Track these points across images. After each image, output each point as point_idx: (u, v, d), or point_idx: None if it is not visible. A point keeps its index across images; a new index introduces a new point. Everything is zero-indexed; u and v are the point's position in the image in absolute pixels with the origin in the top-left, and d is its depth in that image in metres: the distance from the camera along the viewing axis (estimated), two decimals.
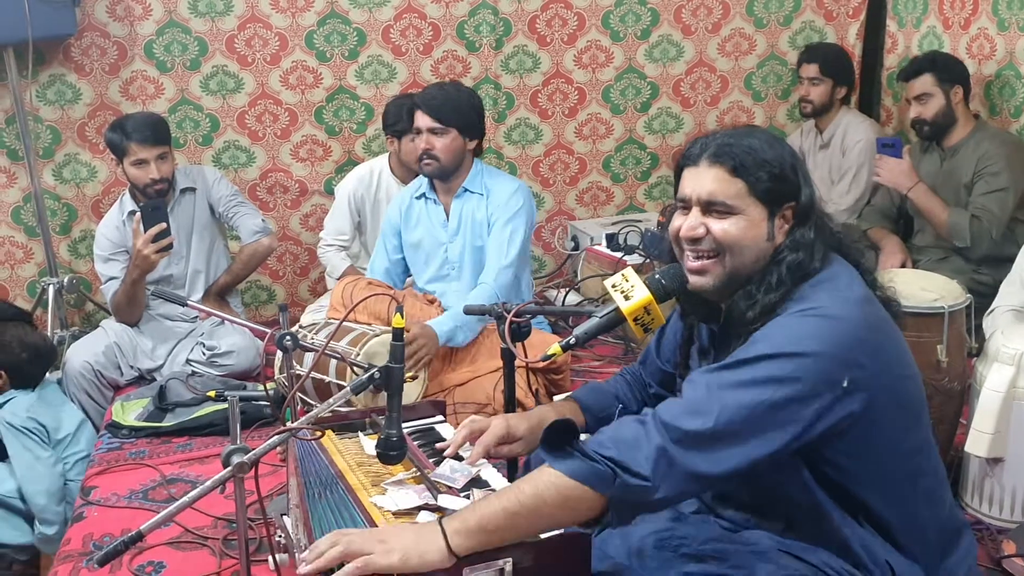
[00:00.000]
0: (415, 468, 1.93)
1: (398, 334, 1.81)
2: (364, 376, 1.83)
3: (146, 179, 3.46)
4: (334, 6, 4.15)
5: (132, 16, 4.01)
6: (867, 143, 4.02)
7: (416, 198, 3.37)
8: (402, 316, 1.79)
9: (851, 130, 4.15)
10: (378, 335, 2.82)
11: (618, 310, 1.85)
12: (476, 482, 1.87)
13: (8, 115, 3.96)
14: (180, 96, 4.14)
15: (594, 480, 1.59)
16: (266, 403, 3.09)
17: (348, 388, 1.85)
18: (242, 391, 3.24)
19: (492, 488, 1.84)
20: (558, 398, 2.22)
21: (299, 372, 2.71)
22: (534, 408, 2.11)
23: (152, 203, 3.44)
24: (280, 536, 2.15)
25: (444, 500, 1.78)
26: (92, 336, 3.63)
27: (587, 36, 4.41)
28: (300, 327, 3.06)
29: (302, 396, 2.86)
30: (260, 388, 3.28)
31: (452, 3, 4.23)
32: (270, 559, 2.05)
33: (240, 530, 1.86)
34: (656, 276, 1.88)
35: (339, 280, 3.53)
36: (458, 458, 1.95)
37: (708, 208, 1.74)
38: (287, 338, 2.46)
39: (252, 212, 3.78)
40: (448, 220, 3.30)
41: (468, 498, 1.79)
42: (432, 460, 1.97)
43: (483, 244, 3.25)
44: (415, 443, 2.05)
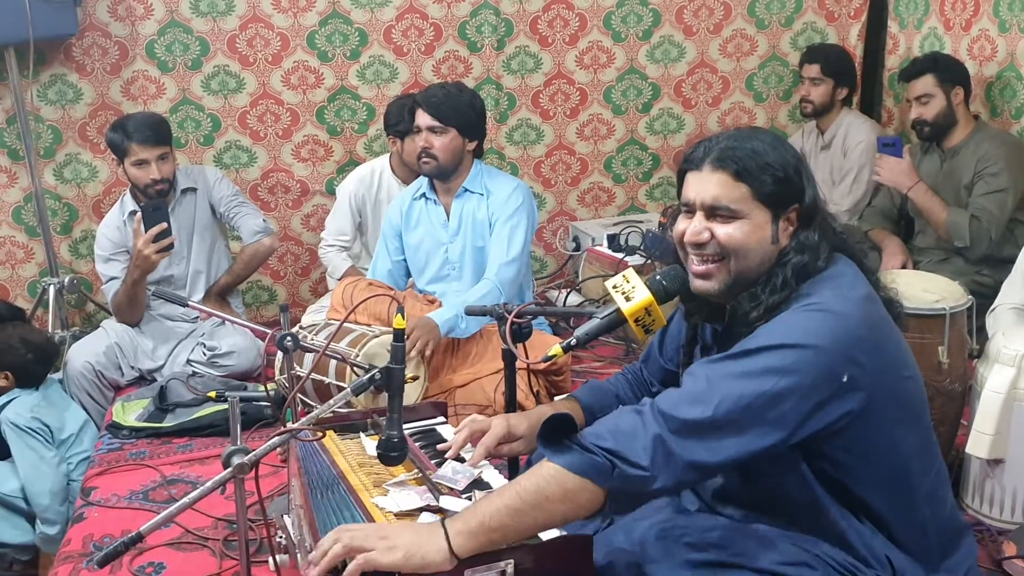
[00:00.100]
0: (416, 469, 1.93)
1: (399, 335, 1.80)
2: (364, 377, 1.83)
3: (147, 179, 3.46)
4: (336, 6, 4.15)
5: (133, 16, 4.01)
6: (868, 144, 4.02)
7: (416, 198, 3.37)
8: (403, 317, 1.79)
9: (852, 131, 4.15)
10: (378, 336, 2.82)
11: (619, 311, 1.85)
12: (478, 483, 1.87)
13: (9, 115, 3.96)
14: (181, 96, 4.14)
15: (593, 472, 1.59)
16: (267, 404, 3.09)
17: (348, 389, 1.85)
18: (243, 392, 3.24)
19: (493, 489, 1.84)
20: (559, 399, 2.22)
21: (299, 373, 2.71)
22: (534, 408, 2.11)
23: (153, 203, 3.44)
24: (281, 537, 2.15)
25: (446, 501, 1.78)
26: (93, 336, 3.63)
27: (589, 37, 4.40)
28: (301, 328, 3.06)
29: (302, 397, 2.86)
30: (261, 389, 3.28)
31: (454, 3, 4.23)
32: (270, 560, 2.05)
33: (240, 531, 1.86)
34: (657, 277, 1.88)
35: (340, 281, 3.53)
36: (460, 459, 1.95)
37: (712, 212, 1.74)
38: (288, 339, 2.47)
39: (253, 212, 3.78)
40: (448, 220, 3.30)
41: (470, 499, 1.79)
42: (434, 461, 1.97)
43: (484, 244, 3.25)
44: (416, 444, 2.05)
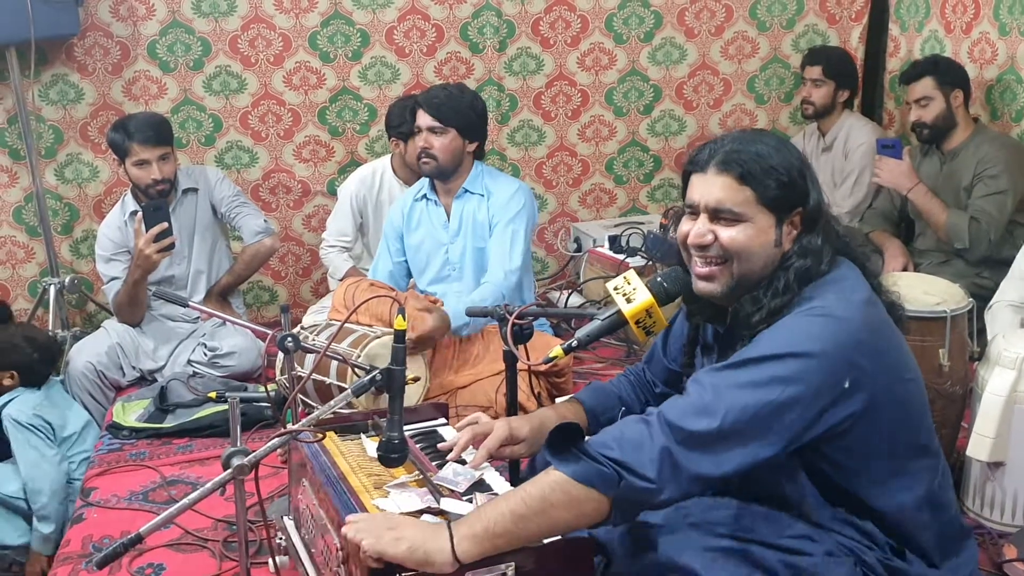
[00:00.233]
0: (417, 471, 1.93)
1: (400, 336, 1.80)
2: (365, 378, 1.83)
3: (148, 179, 3.46)
4: (337, 7, 4.15)
5: (135, 16, 4.01)
6: (869, 146, 4.02)
7: (417, 199, 3.37)
8: (404, 318, 1.79)
9: (853, 133, 4.15)
10: (379, 337, 2.81)
11: (620, 313, 1.85)
12: (479, 485, 1.86)
13: (10, 115, 3.96)
14: (183, 96, 4.14)
15: (599, 482, 1.59)
16: (267, 405, 3.09)
17: (349, 390, 1.85)
18: (243, 392, 3.23)
19: (494, 491, 1.84)
20: (561, 400, 2.22)
21: (300, 374, 2.70)
22: (536, 410, 2.11)
23: (154, 203, 3.43)
24: (281, 538, 2.15)
25: (447, 503, 1.78)
26: (94, 337, 3.62)
27: (590, 38, 4.40)
28: (302, 328, 3.06)
29: (303, 398, 2.86)
30: (261, 389, 3.28)
31: (456, 5, 4.23)
32: (270, 561, 2.05)
33: (240, 532, 1.86)
34: (658, 279, 1.89)
35: (341, 281, 3.53)
36: (461, 461, 1.94)
37: (716, 215, 1.74)
38: (288, 339, 2.46)
39: (254, 212, 3.78)
40: (449, 221, 3.30)
41: (471, 502, 1.79)
42: (435, 463, 1.97)
43: (484, 245, 3.25)
44: (417, 446, 2.05)
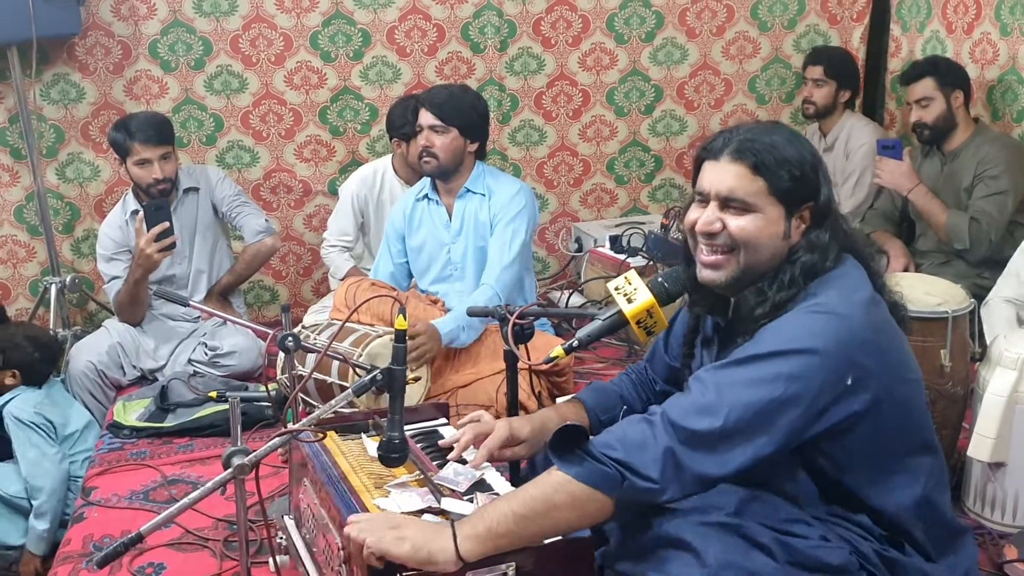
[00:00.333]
0: (418, 471, 1.93)
1: (401, 336, 1.80)
2: (366, 378, 1.83)
3: (149, 179, 3.46)
4: (339, 7, 4.15)
5: (137, 16, 4.01)
6: (870, 147, 4.01)
7: (418, 199, 3.37)
8: (405, 318, 1.79)
9: (855, 134, 4.15)
10: (380, 336, 2.81)
11: (621, 313, 1.85)
12: (479, 485, 1.86)
13: (12, 114, 3.96)
14: (184, 96, 4.14)
15: (602, 483, 1.59)
16: (268, 404, 3.09)
17: (350, 390, 1.85)
18: (244, 392, 3.23)
19: (495, 491, 1.84)
20: (562, 400, 2.22)
21: (301, 373, 2.70)
22: (537, 411, 2.11)
23: (155, 202, 3.43)
24: (281, 538, 2.15)
25: (447, 503, 1.78)
26: (95, 336, 3.62)
27: (591, 38, 4.40)
28: (303, 328, 3.06)
29: (304, 397, 2.86)
30: (262, 389, 3.28)
31: (457, 4, 4.23)
32: (271, 561, 2.05)
33: (241, 532, 1.87)
34: (659, 279, 1.89)
35: (342, 281, 3.53)
36: (462, 461, 1.94)
37: (726, 204, 1.74)
38: (289, 339, 2.46)
39: (255, 212, 3.78)
40: (451, 221, 3.30)
41: (471, 501, 1.79)
42: (435, 463, 1.97)
43: (486, 245, 3.24)
44: (418, 445, 2.05)
